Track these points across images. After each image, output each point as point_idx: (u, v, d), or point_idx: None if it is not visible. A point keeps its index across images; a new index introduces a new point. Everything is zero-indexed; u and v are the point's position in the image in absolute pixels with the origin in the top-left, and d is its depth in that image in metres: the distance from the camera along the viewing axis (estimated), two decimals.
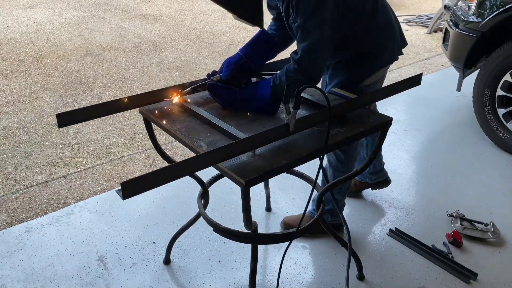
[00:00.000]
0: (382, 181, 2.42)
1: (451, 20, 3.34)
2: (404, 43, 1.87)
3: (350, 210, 2.36)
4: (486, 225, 2.22)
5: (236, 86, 1.61)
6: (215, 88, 1.60)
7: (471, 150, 3.05)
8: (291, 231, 1.58)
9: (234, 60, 1.65)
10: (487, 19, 2.91)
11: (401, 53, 1.87)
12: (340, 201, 2.11)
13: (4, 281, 1.87)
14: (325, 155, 2.00)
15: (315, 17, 1.48)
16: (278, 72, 1.59)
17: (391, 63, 1.87)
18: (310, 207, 2.12)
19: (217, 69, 1.69)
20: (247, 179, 1.22)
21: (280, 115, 1.58)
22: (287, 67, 1.55)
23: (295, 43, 1.65)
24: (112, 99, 1.71)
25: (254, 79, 1.77)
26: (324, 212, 2.11)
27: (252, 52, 1.67)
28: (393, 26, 1.79)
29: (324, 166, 2.05)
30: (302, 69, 1.51)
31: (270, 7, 1.81)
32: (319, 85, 1.79)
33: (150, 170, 1.20)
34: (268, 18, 1.67)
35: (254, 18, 1.47)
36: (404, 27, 6.16)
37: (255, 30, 1.63)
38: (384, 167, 2.41)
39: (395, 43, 1.81)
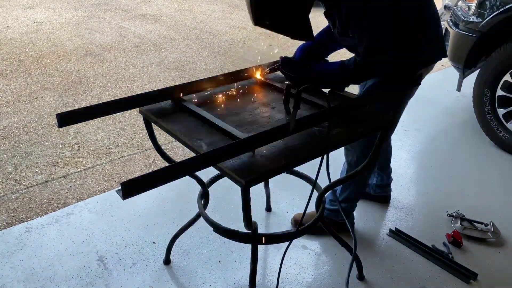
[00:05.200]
0: (384, 196, 2.42)
1: (451, 20, 3.34)
2: (444, 50, 1.85)
3: None
4: (486, 225, 2.22)
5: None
6: (289, 62, 1.72)
7: (471, 150, 3.05)
8: (291, 231, 1.58)
9: (307, 45, 1.83)
10: (487, 19, 2.91)
11: (445, 55, 1.84)
12: (349, 204, 2.10)
13: (4, 281, 1.87)
14: (345, 159, 2.02)
15: (364, 19, 1.54)
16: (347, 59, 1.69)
17: (433, 62, 1.84)
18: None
19: (219, 69, 1.72)
20: (247, 179, 1.22)
21: (280, 115, 1.58)
22: (354, 60, 1.64)
23: None
24: (112, 99, 1.71)
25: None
26: (334, 211, 2.11)
27: (323, 41, 1.86)
28: (437, 25, 1.79)
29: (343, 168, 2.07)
30: (364, 68, 1.63)
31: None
32: None
33: (150, 170, 1.20)
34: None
35: (306, 35, 1.64)
36: None
37: (255, 30, 1.66)
38: (391, 185, 2.42)
39: (438, 42, 1.80)
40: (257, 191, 2.35)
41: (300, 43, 1.85)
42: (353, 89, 1.89)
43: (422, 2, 1.72)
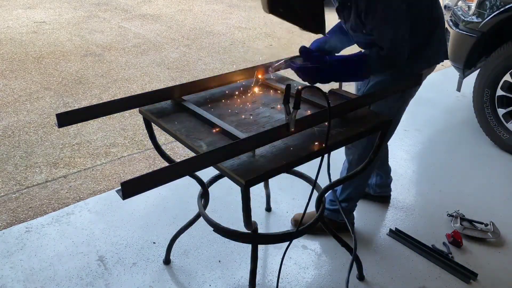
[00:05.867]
0: (385, 196, 2.43)
1: (451, 20, 3.34)
2: (446, 52, 1.86)
3: None
4: (486, 225, 2.22)
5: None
6: (308, 53, 1.69)
7: (471, 150, 3.05)
8: (291, 231, 1.58)
9: (321, 40, 1.87)
10: (487, 19, 2.91)
11: (447, 57, 1.86)
12: (349, 204, 2.10)
13: (4, 281, 1.87)
14: (346, 158, 2.02)
15: (388, 13, 1.56)
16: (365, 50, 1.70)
17: (436, 63, 1.85)
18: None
19: (219, 69, 1.71)
20: (247, 179, 1.22)
21: (280, 115, 1.58)
22: (377, 52, 1.63)
23: None
24: (112, 99, 1.71)
25: None
26: (334, 211, 2.11)
27: (333, 37, 1.89)
28: (443, 26, 1.80)
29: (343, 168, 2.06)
30: (389, 61, 1.63)
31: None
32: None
33: (150, 170, 1.20)
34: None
35: (318, 28, 1.60)
36: None
37: (254, 30, 1.64)
38: (391, 185, 2.42)
39: (442, 43, 1.81)
40: (257, 191, 2.35)
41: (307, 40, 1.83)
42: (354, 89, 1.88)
43: (433, 2, 1.73)
